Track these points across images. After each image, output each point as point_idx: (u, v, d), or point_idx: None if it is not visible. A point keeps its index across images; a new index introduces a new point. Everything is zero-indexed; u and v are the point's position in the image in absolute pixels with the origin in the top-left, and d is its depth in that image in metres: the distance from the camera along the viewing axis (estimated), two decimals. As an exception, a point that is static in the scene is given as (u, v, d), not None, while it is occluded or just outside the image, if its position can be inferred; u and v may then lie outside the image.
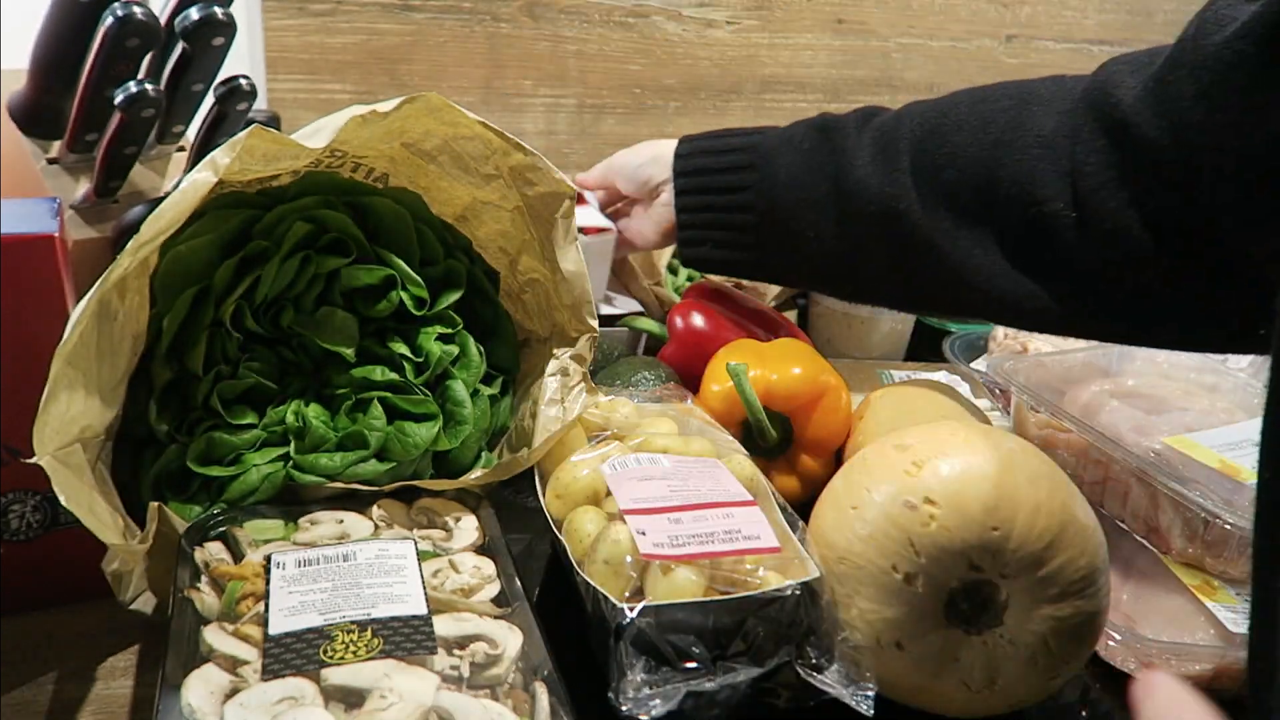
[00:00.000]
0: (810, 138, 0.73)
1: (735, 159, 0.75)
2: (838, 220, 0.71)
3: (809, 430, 0.71)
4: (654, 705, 0.45)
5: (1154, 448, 0.67)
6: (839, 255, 0.72)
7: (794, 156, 0.73)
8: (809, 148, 0.72)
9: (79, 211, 0.72)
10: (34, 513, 0.56)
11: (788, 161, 0.73)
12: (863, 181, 0.69)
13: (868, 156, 0.69)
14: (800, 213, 0.72)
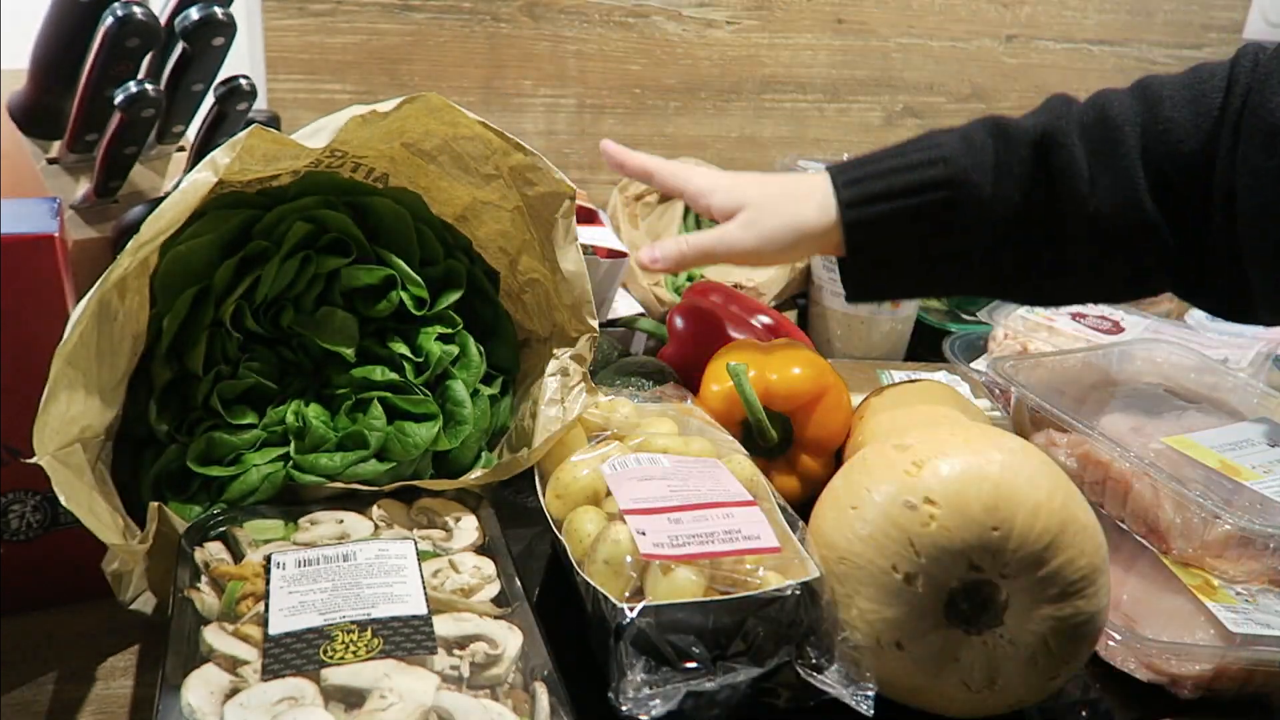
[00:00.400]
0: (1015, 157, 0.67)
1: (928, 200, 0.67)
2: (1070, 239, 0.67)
3: (809, 430, 0.70)
4: (654, 705, 0.45)
5: (1154, 448, 0.67)
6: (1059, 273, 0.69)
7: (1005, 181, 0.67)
8: (1019, 172, 0.67)
9: (79, 211, 0.72)
10: (34, 513, 0.56)
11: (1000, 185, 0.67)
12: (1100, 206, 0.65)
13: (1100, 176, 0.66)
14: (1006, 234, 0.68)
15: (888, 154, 0.70)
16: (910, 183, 0.67)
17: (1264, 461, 0.67)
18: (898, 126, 1.37)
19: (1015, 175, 0.67)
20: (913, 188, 0.67)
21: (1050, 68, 1.40)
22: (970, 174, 0.66)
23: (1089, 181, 0.65)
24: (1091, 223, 0.65)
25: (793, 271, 1.00)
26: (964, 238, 0.68)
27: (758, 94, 1.28)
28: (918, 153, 0.68)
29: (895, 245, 0.69)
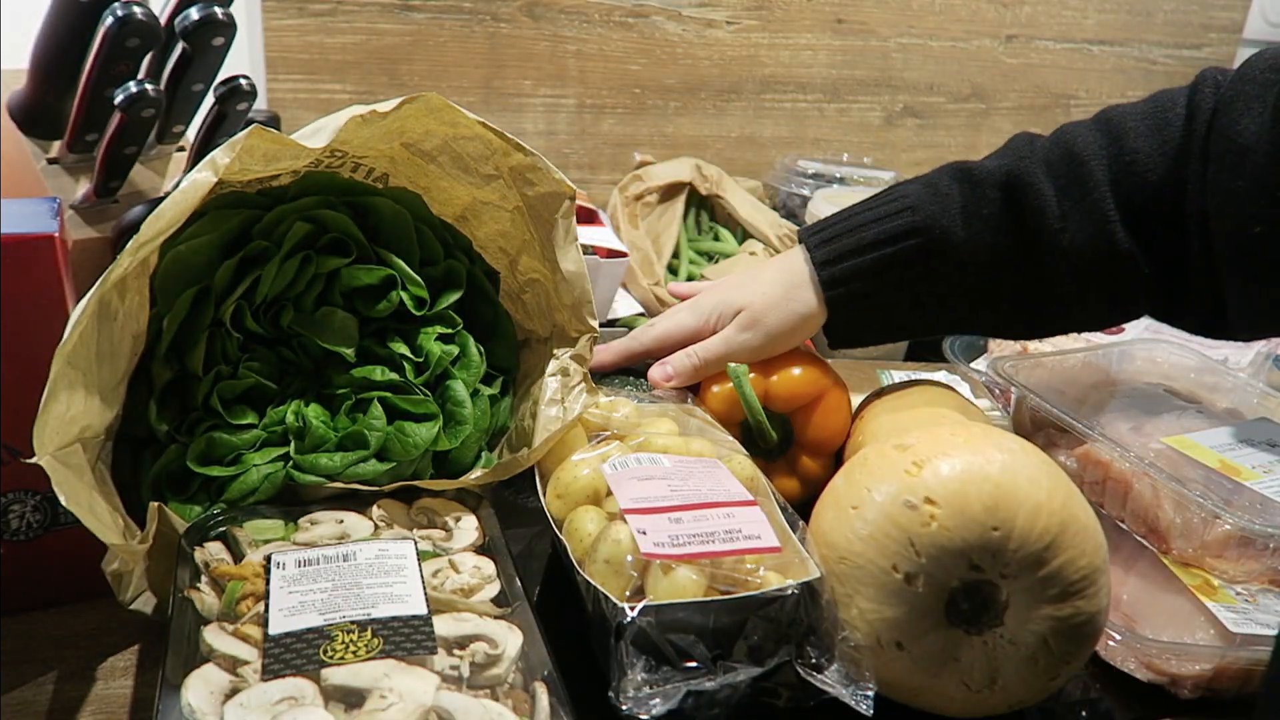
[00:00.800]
0: (987, 201, 0.68)
1: (900, 249, 0.68)
2: (1047, 276, 0.67)
3: (809, 431, 0.70)
4: (654, 705, 0.45)
5: (1154, 448, 0.67)
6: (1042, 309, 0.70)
7: (977, 224, 0.68)
8: (989, 213, 0.68)
9: (79, 211, 0.72)
10: (34, 513, 0.56)
11: (971, 229, 0.68)
12: (1074, 241, 0.66)
13: (1071, 213, 0.66)
14: (983, 278, 0.68)
15: (854, 210, 0.71)
16: (880, 235, 0.68)
17: (1264, 461, 0.67)
18: (898, 126, 1.37)
19: (984, 217, 0.67)
20: (883, 239, 0.68)
21: (1050, 68, 1.40)
22: (939, 219, 0.67)
23: (1060, 218, 0.66)
24: (1065, 258, 0.66)
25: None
26: (940, 283, 0.69)
27: (758, 94, 1.28)
28: (883, 205, 0.70)
29: (872, 299, 0.70)
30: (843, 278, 0.69)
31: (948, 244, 0.67)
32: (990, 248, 0.67)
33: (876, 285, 0.69)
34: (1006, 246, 0.67)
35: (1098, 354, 0.81)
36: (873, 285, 0.69)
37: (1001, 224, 0.67)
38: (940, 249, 0.67)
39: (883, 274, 0.69)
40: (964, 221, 0.67)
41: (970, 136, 1.41)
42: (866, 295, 0.70)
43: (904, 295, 0.69)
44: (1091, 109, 0.71)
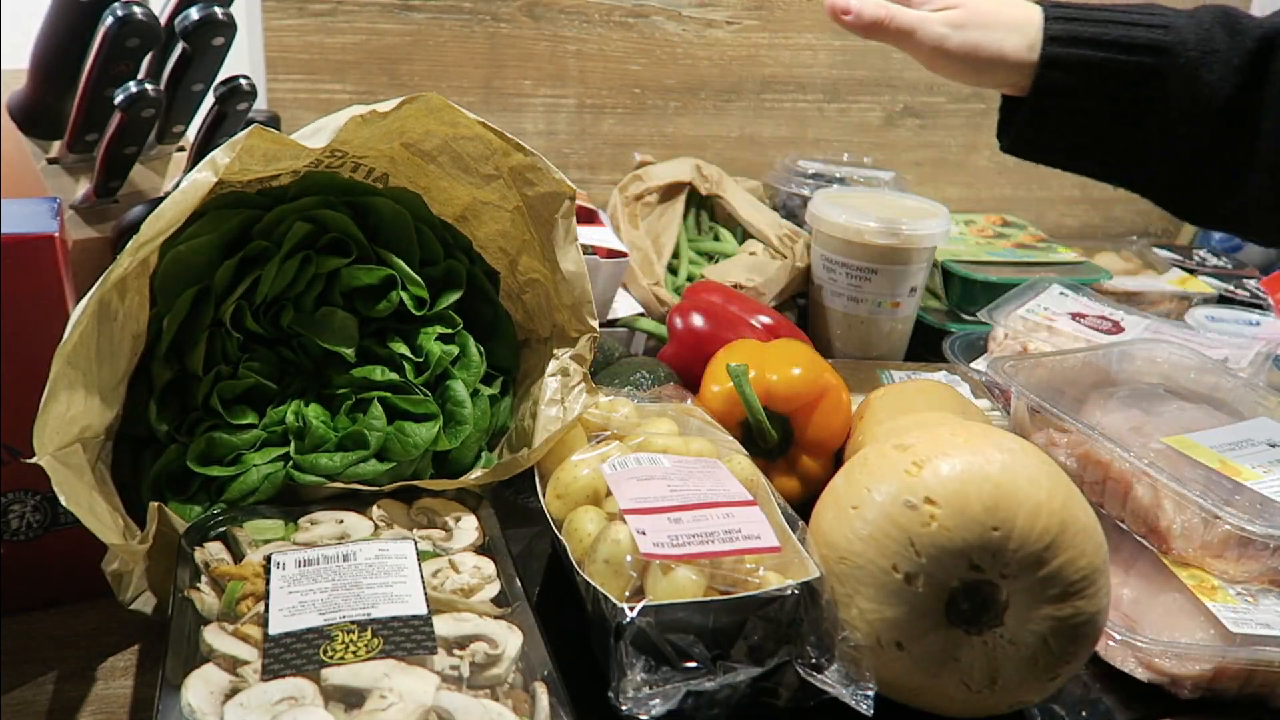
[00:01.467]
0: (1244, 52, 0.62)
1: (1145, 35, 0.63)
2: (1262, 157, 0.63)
3: (809, 430, 0.71)
4: (654, 705, 0.45)
5: (1154, 448, 0.67)
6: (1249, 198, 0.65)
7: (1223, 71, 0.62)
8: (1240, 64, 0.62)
9: (79, 211, 0.72)
10: (34, 513, 0.56)
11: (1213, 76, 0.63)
12: None
13: None
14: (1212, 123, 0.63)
15: (1109, 7, 0.66)
16: (1123, 37, 0.63)
17: (1264, 461, 0.67)
18: (898, 126, 1.37)
19: (1233, 67, 0.63)
20: (1124, 44, 0.63)
21: (1050, 68, 1.40)
22: (1189, 49, 0.62)
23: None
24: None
25: (792, 272, 1.00)
26: (1158, 116, 0.64)
27: (758, 94, 1.28)
28: (1140, 13, 0.65)
29: (1082, 99, 0.65)
30: (1065, 61, 0.64)
31: (1186, 77, 0.63)
32: (1226, 99, 0.63)
33: (1094, 86, 0.64)
34: (1240, 105, 0.63)
35: (1098, 354, 0.81)
36: (1091, 83, 0.64)
37: (1246, 79, 0.62)
38: (1176, 78, 0.63)
39: (1107, 79, 0.64)
40: (1211, 62, 0.62)
41: (970, 136, 1.41)
42: (1078, 92, 0.64)
43: (1114, 112, 0.64)
44: (1091, 109, 0.70)
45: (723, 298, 0.87)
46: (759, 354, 0.73)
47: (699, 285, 0.90)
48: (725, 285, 0.91)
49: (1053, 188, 1.48)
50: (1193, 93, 0.63)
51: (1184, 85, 0.62)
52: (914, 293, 0.96)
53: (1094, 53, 0.64)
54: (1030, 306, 0.95)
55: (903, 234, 0.92)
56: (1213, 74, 0.62)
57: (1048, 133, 0.67)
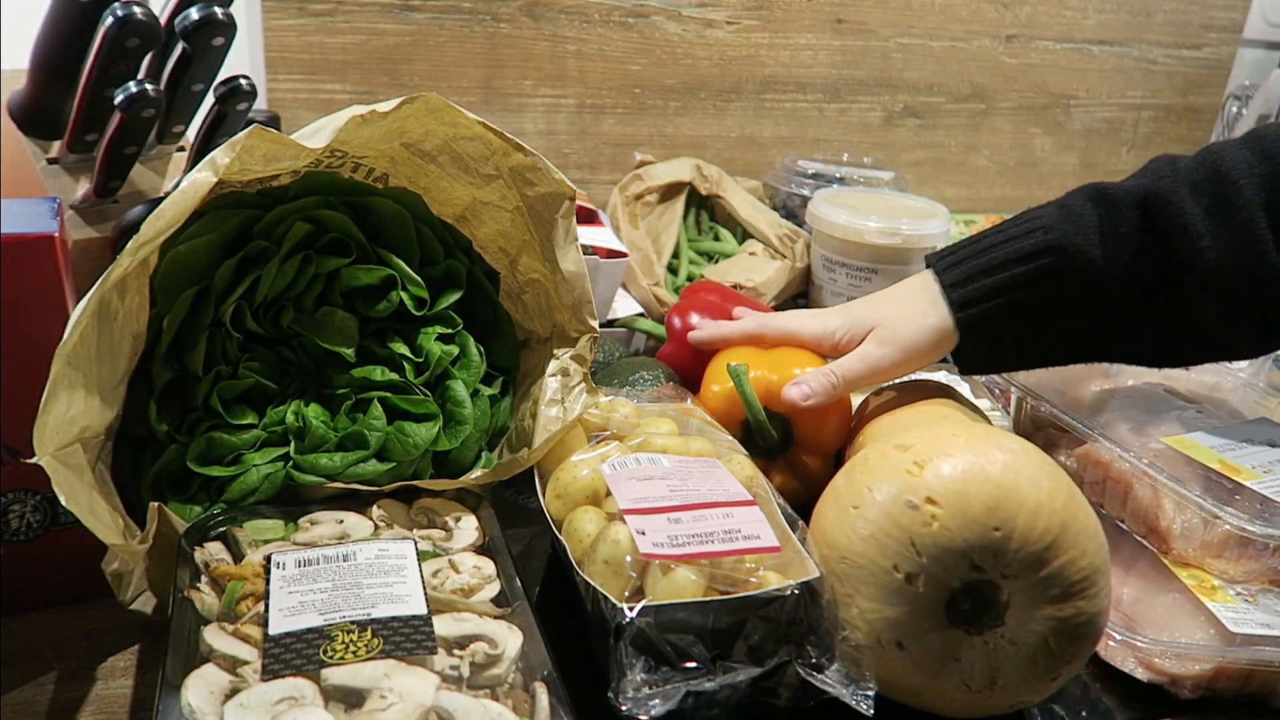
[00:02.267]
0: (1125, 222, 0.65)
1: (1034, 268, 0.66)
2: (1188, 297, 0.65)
3: (809, 431, 0.70)
4: (654, 705, 0.45)
5: (1154, 448, 0.67)
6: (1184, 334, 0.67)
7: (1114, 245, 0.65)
8: (1126, 233, 0.65)
9: (79, 211, 0.72)
10: (34, 513, 0.56)
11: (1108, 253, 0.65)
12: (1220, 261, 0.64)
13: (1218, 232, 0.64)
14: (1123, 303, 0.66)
15: (985, 234, 0.69)
16: (1011, 254, 0.66)
17: (1264, 461, 0.66)
18: (898, 126, 1.37)
19: (1122, 236, 0.65)
20: (1015, 258, 0.66)
21: (1050, 68, 1.40)
22: (1073, 238, 0.65)
23: (1204, 236, 0.63)
24: (1209, 279, 0.63)
25: (792, 272, 1.00)
26: (1075, 305, 0.66)
27: (758, 94, 1.28)
28: (1015, 227, 0.67)
29: (1005, 320, 0.67)
30: (974, 298, 0.67)
31: (1083, 262, 0.65)
32: (1128, 268, 0.65)
33: (1009, 306, 0.67)
34: (1145, 266, 0.65)
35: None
36: (1005, 306, 0.67)
37: (1141, 243, 0.65)
38: (1075, 268, 0.65)
39: (1015, 293, 0.66)
40: (1100, 240, 0.65)
41: (970, 136, 1.41)
42: (999, 316, 0.67)
43: (1038, 318, 0.67)
44: (1092, 109, 0.71)
45: (721, 297, 0.87)
46: (759, 354, 0.73)
47: (697, 285, 0.90)
48: (724, 285, 0.91)
49: (1053, 188, 1.49)
50: (1096, 272, 0.65)
51: (1086, 269, 0.65)
52: (914, 293, 0.96)
53: (993, 279, 0.67)
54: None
55: (903, 234, 0.92)
56: (1108, 250, 0.65)
57: (998, 354, 0.70)
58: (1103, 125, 1.47)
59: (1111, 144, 1.49)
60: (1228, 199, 0.63)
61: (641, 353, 0.95)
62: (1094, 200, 0.67)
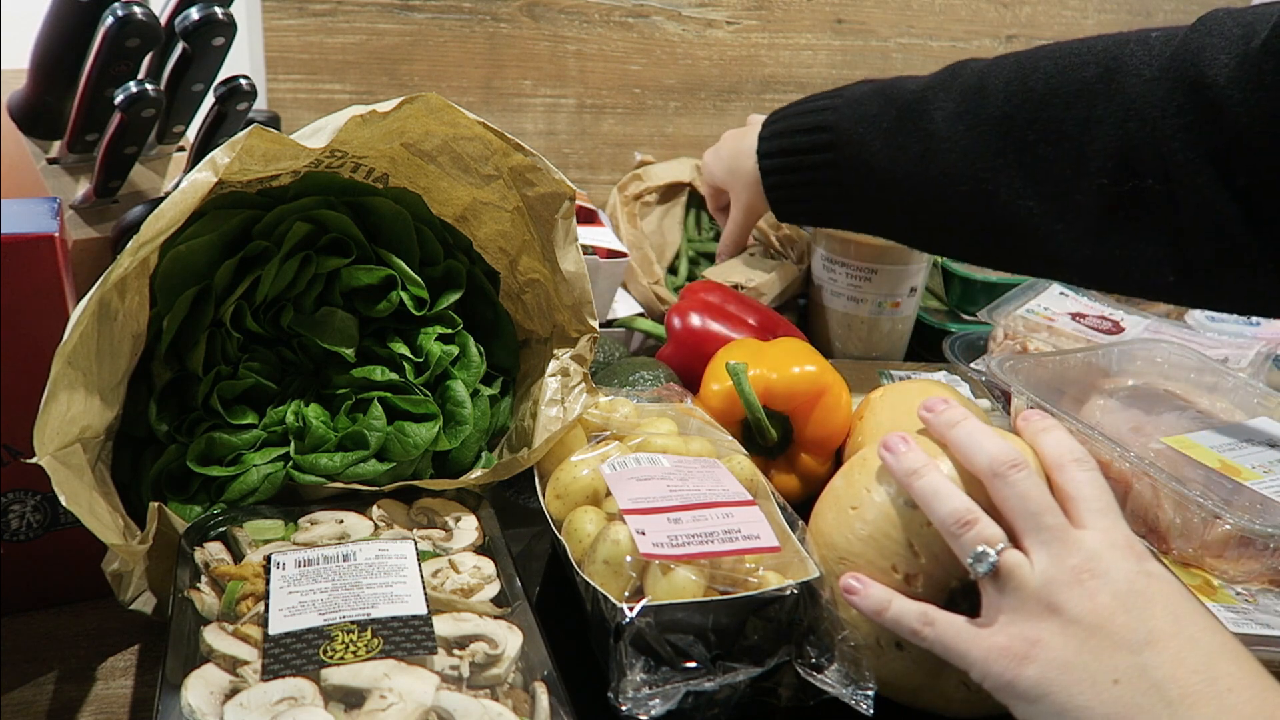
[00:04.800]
0: (888, 117, 0.73)
1: (816, 139, 0.77)
2: (922, 199, 0.72)
3: (809, 430, 0.71)
4: (654, 705, 0.45)
5: (1154, 448, 0.67)
6: (924, 227, 0.75)
7: (876, 138, 0.73)
8: (889, 128, 0.73)
9: (79, 211, 0.72)
10: (34, 513, 0.56)
11: (870, 143, 0.74)
12: (953, 167, 0.69)
13: (957, 139, 0.69)
14: (884, 192, 0.74)
15: (804, 100, 0.81)
16: (800, 124, 0.79)
17: (1264, 461, 0.67)
18: (898, 126, 1.37)
19: (885, 131, 0.73)
20: (802, 129, 0.79)
21: (1050, 68, 1.40)
22: (846, 122, 0.75)
23: (945, 142, 0.70)
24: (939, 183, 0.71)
25: (793, 272, 1.00)
26: (850, 195, 0.76)
27: (758, 94, 1.28)
28: (823, 96, 0.79)
29: (795, 175, 0.80)
30: (770, 151, 0.82)
31: (852, 148, 0.75)
32: (888, 166, 0.73)
33: (794, 167, 0.80)
34: (901, 166, 0.72)
35: (1098, 354, 0.81)
36: (790, 165, 0.80)
37: (899, 143, 0.72)
38: (845, 149, 0.75)
39: (800, 156, 0.79)
40: (879, 142, 0.73)
41: (970, 136, 1.41)
42: (788, 171, 0.81)
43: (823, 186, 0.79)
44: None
45: (720, 297, 0.87)
46: (758, 353, 0.73)
47: (697, 285, 0.90)
48: (724, 285, 0.91)
49: (1053, 188, 1.48)
50: (859, 162, 0.75)
51: (852, 156, 0.75)
52: (914, 293, 0.97)
53: (785, 140, 0.80)
54: (1030, 306, 0.95)
55: (903, 234, 0.92)
56: (872, 141, 0.74)
57: (792, 206, 0.83)
58: (1103, 125, 1.46)
59: (1111, 144, 1.49)
60: (973, 110, 0.69)
61: (641, 353, 0.95)
62: (881, 91, 0.75)
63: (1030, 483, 0.48)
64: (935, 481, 0.49)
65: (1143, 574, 0.45)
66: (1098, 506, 0.48)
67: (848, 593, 0.51)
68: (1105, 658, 0.43)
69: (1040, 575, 0.45)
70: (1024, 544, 0.47)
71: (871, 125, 0.74)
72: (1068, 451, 0.50)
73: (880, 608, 0.49)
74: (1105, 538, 0.46)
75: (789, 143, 0.80)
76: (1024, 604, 0.45)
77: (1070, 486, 0.48)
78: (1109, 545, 0.46)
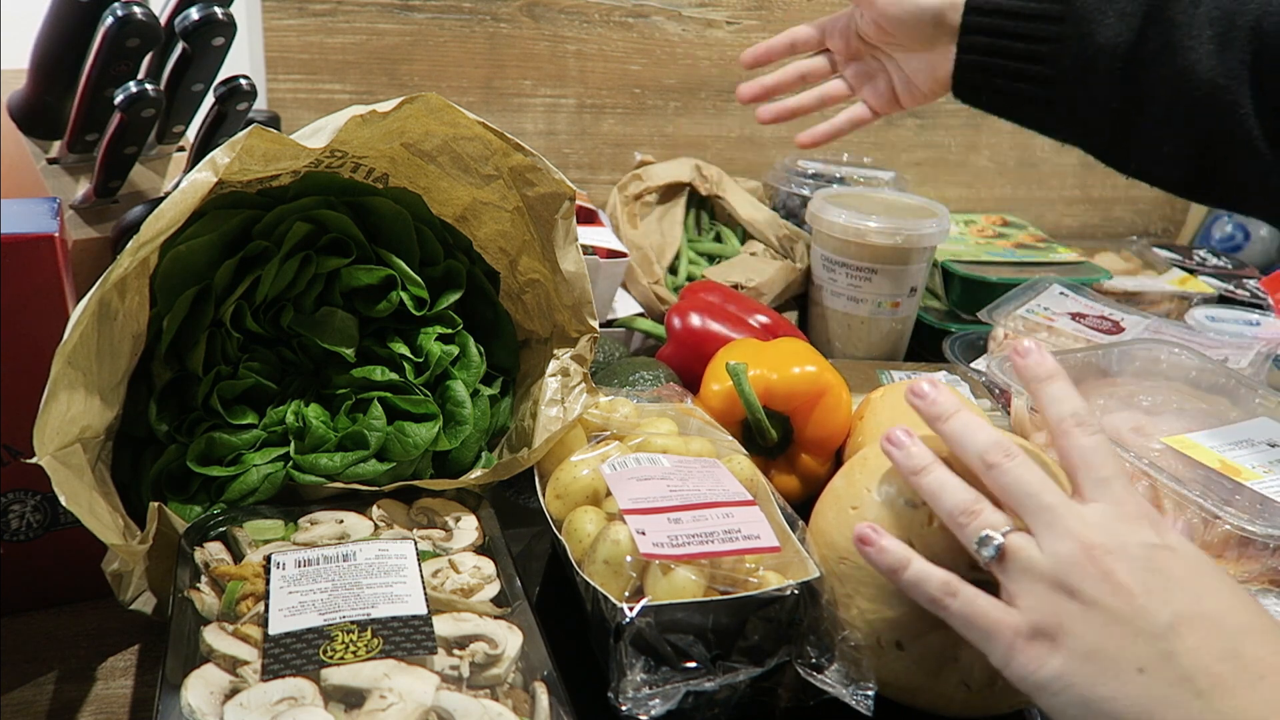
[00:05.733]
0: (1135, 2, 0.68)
1: (1044, 7, 0.70)
2: (1152, 98, 0.67)
3: (809, 430, 0.71)
4: (654, 705, 0.45)
5: (1154, 448, 0.67)
6: (1141, 130, 0.69)
7: (1115, 20, 0.67)
8: (1130, 11, 0.67)
9: (79, 211, 0.72)
10: (34, 513, 0.56)
11: (1109, 25, 0.68)
12: (1194, 66, 0.65)
13: (1205, 39, 0.65)
14: (1108, 82, 0.69)
15: None
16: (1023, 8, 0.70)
17: (1264, 461, 0.67)
18: (898, 126, 1.37)
19: (1125, 13, 0.67)
20: (1025, 13, 0.70)
21: (1050, 68, 1.40)
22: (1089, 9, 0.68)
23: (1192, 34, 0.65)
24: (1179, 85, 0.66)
25: (792, 272, 1.00)
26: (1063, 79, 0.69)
27: (758, 94, 1.28)
28: None
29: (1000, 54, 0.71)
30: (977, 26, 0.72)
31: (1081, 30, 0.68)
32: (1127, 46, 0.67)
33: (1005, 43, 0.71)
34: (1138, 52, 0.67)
35: (1098, 354, 0.81)
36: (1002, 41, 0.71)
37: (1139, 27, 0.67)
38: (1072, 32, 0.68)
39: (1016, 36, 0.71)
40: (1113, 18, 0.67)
41: (970, 136, 1.41)
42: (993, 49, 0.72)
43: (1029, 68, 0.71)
44: (1092, 108, 0.70)
45: (720, 297, 0.87)
46: (759, 353, 0.73)
47: (696, 285, 0.90)
48: (724, 285, 0.91)
49: (1053, 188, 1.48)
50: (1088, 42, 0.68)
51: (1083, 34, 0.68)
52: (914, 293, 0.96)
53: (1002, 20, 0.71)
54: (1030, 306, 0.95)
55: (903, 234, 0.92)
56: (1112, 30, 0.67)
57: (981, 77, 0.74)
58: (1103, 125, 1.47)
59: (1111, 144, 1.49)
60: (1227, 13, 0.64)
61: (641, 353, 0.95)
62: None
63: (1024, 467, 0.46)
64: (940, 477, 0.48)
65: (1161, 548, 0.43)
66: (1104, 474, 0.45)
67: (862, 543, 0.48)
68: (1128, 646, 0.41)
69: (1050, 556, 0.44)
70: (1031, 528, 0.46)
71: (1111, 4, 0.68)
72: (1070, 412, 0.47)
73: (898, 566, 0.47)
74: (1115, 509, 0.44)
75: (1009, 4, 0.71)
76: (1037, 587, 0.44)
77: (1074, 454, 0.46)
78: (1118, 517, 0.44)
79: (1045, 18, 0.69)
